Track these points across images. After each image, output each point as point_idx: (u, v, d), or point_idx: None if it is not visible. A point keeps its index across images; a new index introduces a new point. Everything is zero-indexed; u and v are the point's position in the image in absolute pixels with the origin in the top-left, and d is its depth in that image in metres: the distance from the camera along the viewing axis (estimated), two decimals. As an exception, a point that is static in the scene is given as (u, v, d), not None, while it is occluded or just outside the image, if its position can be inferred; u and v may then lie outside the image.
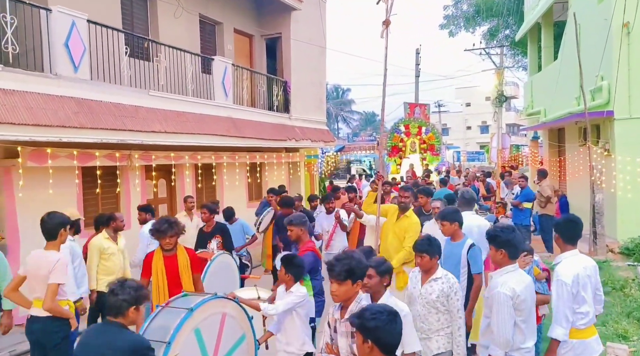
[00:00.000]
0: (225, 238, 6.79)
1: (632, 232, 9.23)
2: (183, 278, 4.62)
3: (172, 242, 4.63)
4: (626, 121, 9.84)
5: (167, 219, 4.71)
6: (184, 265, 4.65)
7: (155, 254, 4.70)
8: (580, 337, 3.46)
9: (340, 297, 3.16)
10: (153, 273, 4.63)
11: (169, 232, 4.57)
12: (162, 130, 8.42)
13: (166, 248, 4.63)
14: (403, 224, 5.72)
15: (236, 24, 12.80)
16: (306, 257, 4.60)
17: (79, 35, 7.23)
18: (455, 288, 3.82)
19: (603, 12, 10.24)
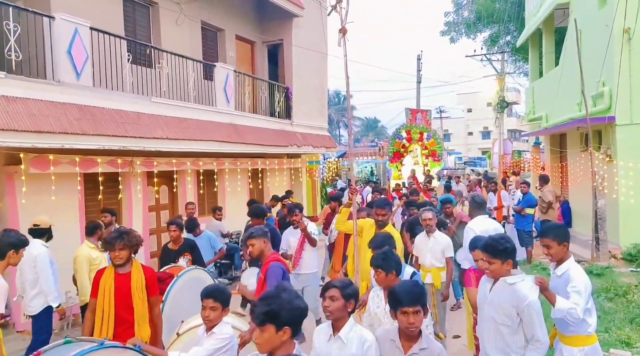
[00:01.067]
0: (195, 255, 6.12)
1: (634, 238, 9.20)
2: (135, 301, 3.95)
3: (123, 256, 3.97)
4: (628, 127, 9.83)
5: (118, 229, 4.17)
6: (137, 285, 3.98)
7: (106, 271, 4.05)
8: (590, 343, 3.56)
9: (263, 348, 2.46)
10: (99, 293, 3.95)
11: (117, 243, 3.92)
12: (164, 137, 8.44)
13: (116, 263, 3.97)
14: None
15: (238, 30, 12.86)
16: (272, 269, 4.03)
17: (81, 42, 7.27)
18: None
19: (604, 18, 10.27)
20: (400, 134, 22.29)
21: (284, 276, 4.09)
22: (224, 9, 12.17)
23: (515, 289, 3.25)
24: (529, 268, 9.34)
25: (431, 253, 5.81)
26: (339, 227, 5.61)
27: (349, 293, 3.06)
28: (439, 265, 5.79)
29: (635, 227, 9.28)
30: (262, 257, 4.23)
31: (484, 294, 3.52)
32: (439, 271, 5.77)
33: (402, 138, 22.09)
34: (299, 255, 6.31)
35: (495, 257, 3.33)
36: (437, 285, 5.70)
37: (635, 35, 9.66)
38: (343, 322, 3.02)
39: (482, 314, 3.52)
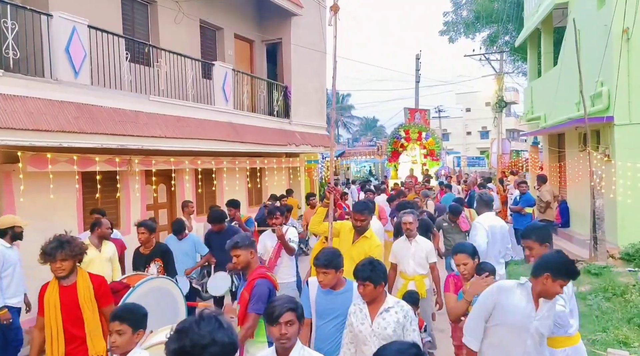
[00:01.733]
0: (166, 261, 5.67)
1: (632, 238, 9.20)
2: (85, 314, 3.64)
3: (66, 268, 3.61)
4: (626, 127, 9.84)
5: (58, 237, 3.73)
6: (85, 297, 3.65)
7: (50, 285, 3.70)
8: (572, 343, 3.60)
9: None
10: (45, 309, 3.63)
11: (58, 254, 3.57)
12: (162, 135, 8.43)
13: (58, 275, 3.62)
14: (362, 247, 4.67)
15: (237, 29, 12.84)
16: (258, 289, 3.66)
17: (79, 40, 7.25)
18: (410, 316, 3.26)
19: (603, 18, 10.27)
20: (399, 133, 22.28)
21: (270, 295, 3.68)
22: (223, 7, 12.15)
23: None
24: (527, 267, 9.35)
25: (414, 259, 5.50)
26: (314, 228, 5.07)
27: (302, 312, 2.80)
28: (422, 272, 5.49)
29: (633, 227, 9.29)
30: (247, 270, 3.86)
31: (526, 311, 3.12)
32: (423, 278, 5.49)
33: (401, 138, 22.09)
34: (275, 263, 5.82)
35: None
36: (421, 293, 5.39)
37: (634, 35, 9.66)
38: (292, 347, 2.71)
39: (520, 330, 3.13)
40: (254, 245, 3.95)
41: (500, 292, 3.22)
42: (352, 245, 4.73)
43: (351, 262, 4.22)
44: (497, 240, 5.52)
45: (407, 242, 5.59)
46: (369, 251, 4.54)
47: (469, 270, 4.03)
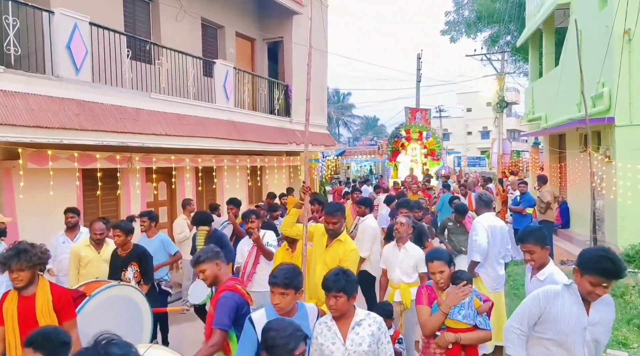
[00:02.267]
0: (143, 265, 5.26)
1: (632, 239, 9.20)
2: None
3: (24, 278, 3.37)
4: (627, 128, 9.84)
5: (17, 245, 3.46)
6: (43, 309, 3.40)
7: (9, 295, 3.48)
8: None
9: None
10: (5, 321, 3.41)
11: (14, 263, 3.32)
12: (163, 133, 8.43)
13: (16, 286, 3.40)
14: (336, 252, 4.32)
15: (238, 27, 12.84)
16: (223, 300, 3.32)
17: (81, 37, 7.25)
18: (384, 328, 3.02)
19: (604, 18, 10.26)
20: (400, 133, 22.30)
21: (238, 310, 3.33)
22: (224, 5, 12.15)
23: (608, 298, 2.93)
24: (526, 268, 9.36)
25: (400, 267, 5.08)
26: (285, 230, 4.67)
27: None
28: (408, 281, 5.06)
29: (633, 228, 9.29)
30: (217, 283, 3.53)
31: (577, 316, 2.85)
32: (409, 287, 5.03)
33: (401, 137, 22.11)
34: (254, 270, 5.39)
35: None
36: (406, 303, 4.99)
37: (635, 36, 9.66)
38: None
39: (576, 340, 2.86)
40: (219, 255, 3.58)
41: (547, 300, 2.91)
42: (325, 250, 4.38)
43: (324, 267, 3.99)
44: (497, 240, 5.49)
45: (395, 248, 5.19)
46: (344, 256, 4.23)
47: (445, 278, 3.64)
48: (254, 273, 5.34)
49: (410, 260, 5.05)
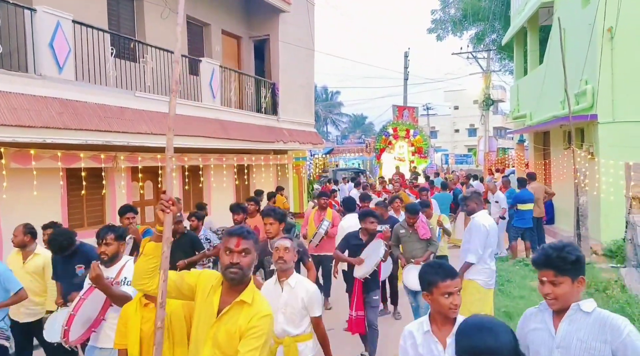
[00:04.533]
0: None
1: (615, 234, 9.33)
2: None
3: None
4: (610, 125, 9.97)
5: None
6: None
7: None
8: None
9: None
10: None
11: None
12: (149, 132, 8.38)
13: None
14: (235, 323, 2.40)
15: (224, 25, 12.78)
16: None
17: (63, 35, 7.18)
18: None
19: (587, 16, 10.38)
20: (387, 131, 22.40)
21: None
22: (210, 3, 12.09)
23: (604, 318, 2.22)
24: (514, 263, 9.46)
25: (284, 313, 3.51)
26: (141, 283, 2.47)
27: None
28: (295, 332, 3.53)
29: (615, 224, 9.41)
30: None
31: (543, 335, 2.37)
32: (295, 341, 3.52)
33: (389, 135, 22.21)
34: (101, 315, 4.13)
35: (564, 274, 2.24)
36: None
37: (618, 34, 9.79)
38: None
39: None
40: None
41: (524, 321, 2.51)
42: (216, 320, 2.41)
43: (214, 350, 2.38)
44: (492, 241, 5.34)
45: (277, 285, 3.57)
46: (248, 330, 2.36)
47: None
48: (101, 320, 3.56)
49: (296, 300, 3.50)
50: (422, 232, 6.04)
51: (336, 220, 7.86)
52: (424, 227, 6.08)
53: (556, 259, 2.27)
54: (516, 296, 7.43)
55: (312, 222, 7.80)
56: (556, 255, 2.28)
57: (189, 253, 5.93)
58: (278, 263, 3.55)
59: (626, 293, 6.78)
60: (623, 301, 6.40)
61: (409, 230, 6.11)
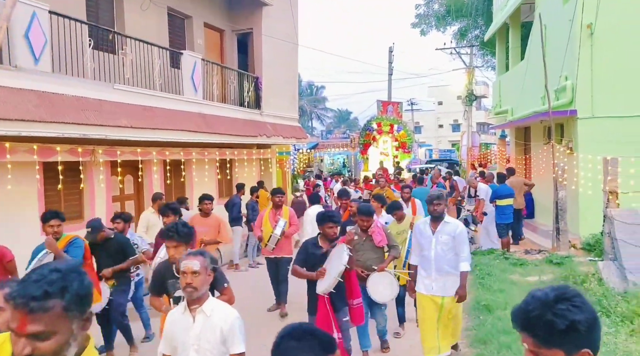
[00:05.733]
0: None
1: (593, 228, 9.48)
2: None
3: None
4: (589, 120, 10.12)
5: None
6: None
7: None
8: None
9: None
10: None
11: None
12: (128, 125, 8.24)
13: None
14: None
15: (206, 18, 12.64)
16: None
17: (40, 26, 7.01)
18: None
19: (568, 13, 10.50)
20: (371, 126, 22.46)
21: None
22: (192, -5, 11.94)
23: None
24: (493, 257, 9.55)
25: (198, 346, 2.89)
26: None
27: None
28: None
29: (593, 218, 9.56)
30: None
31: None
32: None
33: (373, 130, 22.26)
34: None
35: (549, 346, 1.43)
36: None
37: (597, 30, 9.92)
38: None
39: None
40: None
41: None
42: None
43: None
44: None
45: (187, 314, 2.94)
46: None
47: None
48: None
49: (213, 333, 2.87)
50: (377, 239, 5.42)
51: (293, 218, 7.42)
52: (379, 233, 5.45)
53: (536, 323, 1.43)
54: (496, 289, 7.51)
55: (267, 221, 7.29)
56: (536, 316, 1.42)
57: (117, 259, 5.58)
58: (186, 291, 2.89)
59: (603, 286, 6.90)
60: (600, 294, 6.50)
61: (362, 236, 5.42)
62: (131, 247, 5.75)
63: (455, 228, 4.82)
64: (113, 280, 5.62)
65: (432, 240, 4.83)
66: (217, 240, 7.07)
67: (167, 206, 5.99)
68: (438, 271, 4.79)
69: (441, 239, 4.79)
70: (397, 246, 5.67)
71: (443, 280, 4.80)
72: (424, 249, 4.91)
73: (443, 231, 4.81)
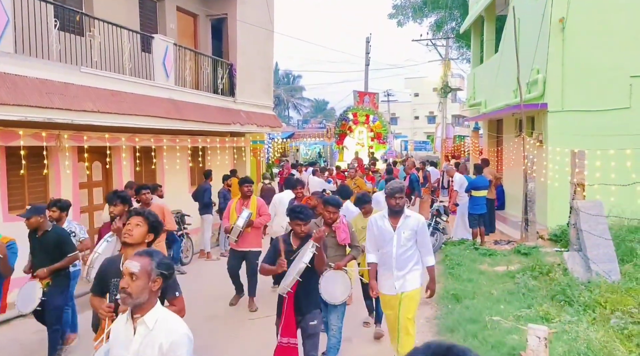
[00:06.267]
0: None
1: (560, 220, 9.68)
2: None
3: None
4: (559, 113, 10.28)
5: None
6: None
7: None
8: None
9: None
10: None
11: None
12: (95, 110, 8.01)
13: None
14: None
15: (179, 2, 12.35)
16: None
17: (1, 5, 6.71)
18: None
19: (540, 7, 10.60)
20: (347, 116, 22.43)
21: None
22: (164, -22, 11.63)
23: None
24: (463, 247, 9.66)
25: None
26: None
27: None
28: None
29: (560, 209, 9.75)
30: None
31: None
32: None
33: (349, 121, 22.24)
34: None
35: None
36: None
37: (568, 24, 10.05)
38: None
39: None
40: None
41: None
42: None
43: None
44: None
45: (129, 324, 2.51)
46: None
47: None
48: None
49: (152, 349, 2.41)
50: (341, 237, 5.10)
51: (262, 208, 7.10)
52: (344, 230, 5.11)
53: None
54: (465, 279, 7.61)
55: (234, 212, 7.00)
56: None
57: (54, 256, 4.99)
58: (120, 295, 2.46)
59: (568, 276, 7.04)
60: (564, 284, 6.63)
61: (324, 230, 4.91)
62: (70, 243, 5.15)
63: (417, 222, 4.51)
64: (48, 279, 5.04)
65: (393, 236, 4.48)
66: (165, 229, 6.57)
67: (115, 194, 5.32)
68: (399, 268, 4.50)
69: (404, 235, 4.48)
70: (359, 247, 5.23)
71: (403, 277, 4.51)
72: (384, 246, 4.54)
73: (405, 226, 4.49)
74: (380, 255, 4.61)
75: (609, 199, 8.03)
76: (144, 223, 3.34)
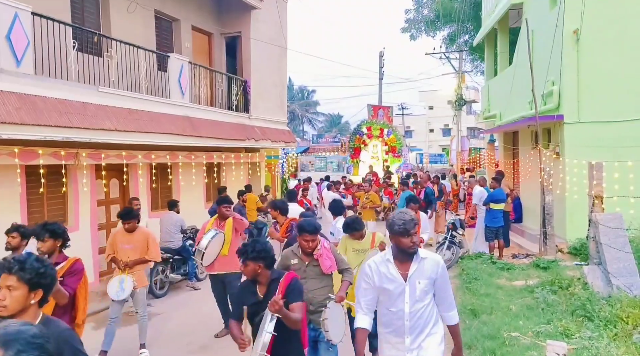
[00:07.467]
0: None
1: (579, 233, 9.51)
2: None
3: None
4: (575, 125, 10.16)
5: None
6: None
7: None
8: None
9: None
10: None
11: None
12: (113, 128, 8.16)
13: None
14: None
15: (194, 21, 12.58)
16: None
17: (22, 27, 6.91)
18: None
19: (555, 18, 10.56)
20: (361, 130, 22.47)
21: None
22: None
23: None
24: (480, 262, 9.54)
25: None
26: None
27: None
28: None
29: (580, 222, 9.58)
30: None
31: None
32: None
33: (363, 135, 22.27)
34: None
35: None
36: None
37: (583, 36, 9.98)
38: None
39: None
40: None
41: None
42: None
43: None
44: None
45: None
46: None
47: None
48: None
49: None
50: (326, 265, 4.14)
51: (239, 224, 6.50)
52: (328, 257, 4.17)
53: None
54: (482, 294, 7.50)
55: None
56: None
57: None
58: None
59: (588, 290, 6.89)
60: (584, 299, 6.49)
61: (304, 260, 4.16)
62: None
63: (436, 267, 3.20)
64: None
65: (404, 288, 3.15)
66: (146, 258, 6.01)
67: (44, 227, 4.12)
68: (414, 333, 3.18)
69: (419, 286, 3.15)
70: (350, 269, 4.42)
71: (419, 346, 3.20)
72: (392, 304, 3.20)
73: (421, 273, 3.16)
74: (385, 314, 3.27)
75: (628, 211, 7.87)
76: (18, 283, 2.26)
